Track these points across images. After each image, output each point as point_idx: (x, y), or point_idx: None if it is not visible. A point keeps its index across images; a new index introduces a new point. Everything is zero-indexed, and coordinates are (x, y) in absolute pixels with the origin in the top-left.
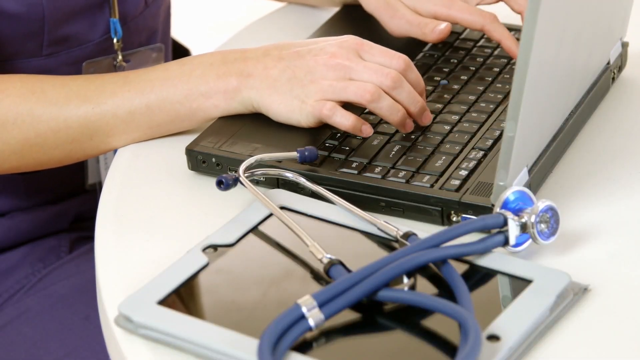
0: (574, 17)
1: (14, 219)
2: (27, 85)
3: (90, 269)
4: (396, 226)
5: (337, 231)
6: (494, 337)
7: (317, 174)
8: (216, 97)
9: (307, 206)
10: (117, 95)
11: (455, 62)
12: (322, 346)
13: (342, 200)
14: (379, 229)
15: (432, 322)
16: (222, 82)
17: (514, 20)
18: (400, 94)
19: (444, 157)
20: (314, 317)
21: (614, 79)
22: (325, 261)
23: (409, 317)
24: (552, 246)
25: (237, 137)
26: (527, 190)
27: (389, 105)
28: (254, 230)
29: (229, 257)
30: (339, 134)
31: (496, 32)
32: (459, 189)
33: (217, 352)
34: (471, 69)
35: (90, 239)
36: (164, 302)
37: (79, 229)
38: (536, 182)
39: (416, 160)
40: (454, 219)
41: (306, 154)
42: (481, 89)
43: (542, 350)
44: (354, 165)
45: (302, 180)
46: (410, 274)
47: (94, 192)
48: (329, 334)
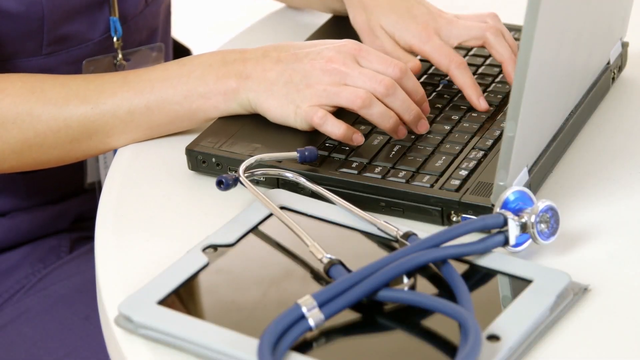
0: (574, 17)
1: (14, 219)
2: (27, 85)
3: (90, 269)
4: (396, 226)
5: (337, 231)
6: (494, 337)
7: (317, 174)
8: (215, 98)
9: (307, 206)
10: (117, 95)
11: None
12: (322, 346)
13: (342, 200)
14: (379, 229)
15: (432, 322)
16: (221, 83)
17: (513, 20)
18: (393, 101)
19: (444, 157)
20: (314, 317)
21: (614, 79)
22: (325, 261)
23: (409, 317)
24: (552, 246)
25: (237, 137)
26: (527, 190)
27: (380, 112)
28: (254, 230)
29: (229, 257)
30: None
31: (459, 79)
32: (459, 189)
33: (217, 352)
34: (471, 68)
35: (90, 239)
36: (164, 302)
37: (79, 229)
38: (536, 182)
39: (416, 160)
40: (454, 219)
41: (306, 154)
42: (481, 89)
43: (542, 350)
44: (354, 165)
45: (302, 180)
46: (410, 274)
47: (93, 192)
48: (329, 334)
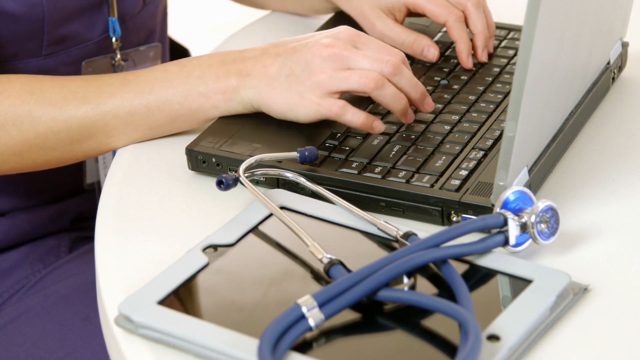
0: (574, 17)
1: (13, 219)
2: (26, 86)
3: (90, 269)
4: (396, 226)
5: (337, 231)
6: (494, 337)
7: (317, 174)
8: (215, 97)
9: (307, 206)
10: (117, 96)
11: (455, 62)
12: (322, 346)
13: (342, 200)
14: (379, 229)
15: (432, 322)
16: (221, 82)
17: (514, 20)
18: (400, 80)
19: (444, 157)
20: (314, 317)
21: (614, 79)
22: (325, 261)
23: (409, 317)
24: (552, 246)
25: (237, 137)
26: (527, 190)
27: (392, 93)
28: (254, 230)
29: (229, 257)
30: (339, 134)
31: (456, 31)
32: (459, 189)
33: (217, 352)
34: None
35: (90, 239)
36: (164, 302)
37: (79, 229)
38: (536, 182)
39: (416, 160)
40: (454, 219)
41: (306, 154)
42: (481, 89)
43: (542, 350)
44: (354, 165)
45: (302, 180)
46: (410, 274)
47: (93, 192)
48: (329, 334)
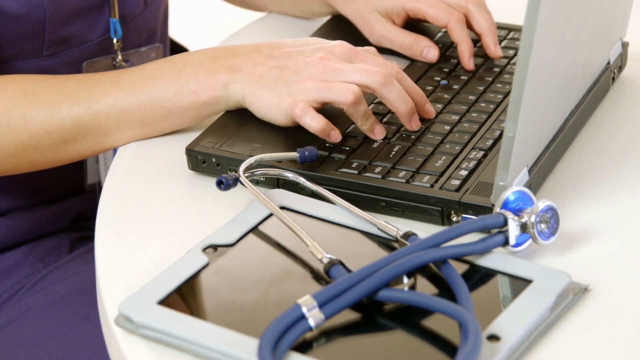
0: (574, 17)
1: (14, 219)
2: (20, 88)
3: (90, 269)
4: (396, 226)
5: (337, 231)
6: (494, 337)
7: (317, 174)
8: (205, 93)
9: (307, 206)
10: (109, 95)
11: (455, 62)
12: (322, 346)
13: (342, 200)
14: (379, 229)
15: (432, 322)
16: (211, 78)
17: (513, 20)
18: (389, 92)
19: (444, 157)
20: (314, 317)
21: (614, 79)
22: (325, 261)
23: (409, 317)
24: (552, 246)
25: (237, 137)
26: (527, 190)
27: (364, 111)
28: (254, 230)
29: (229, 257)
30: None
31: (458, 33)
32: (459, 189)
33: (217, 352)
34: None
35: (90, 239)
36: (164, 302)
37: (79, 229)
38: (536, 182)
39: (416, 160)
40: (454, 219)
41: (306, 154)
42: (481, 89)
43: (542, 350)
44: (354, 165)
45: (302, 180)
46: (410, 274)
47: (93, 192)
48: (329, 334)
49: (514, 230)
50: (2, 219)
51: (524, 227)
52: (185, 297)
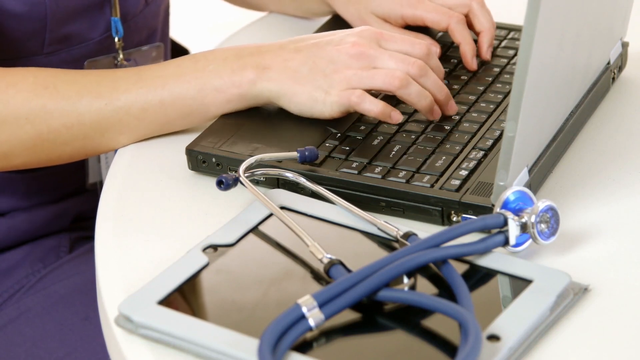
0: (574, 17)
1: (14, 219)
2: (40, 80)
3: (90, 269)
4: (396, 226)
5: (337, 231)
6: (494, 337)
7: (317, 174)
8: (229, 91)
9: (307, 206)
10: (131, 91)
11: (455, 62)
12: (322, 346)
13: (342, 200)
14: (379, 229)
15: (432, 322)
16: (237, 75)
17: (514, 20)
18: (426, 81)
19: (444, 157)
20: (314, 317)
21: (614, 79)
22: (325, 261)
23: (409, 317)
24: (552, 246)
25: (237, 137)
26: (527, 190)
27: (417, 91)
28: (254, 230)
29: (229, 257)
30: (339, 134)
31: (460, 33)
32: (459, 189)
33: (217, 352)
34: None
35: (90, 239)
36: (164, 302)
37: (79, 229)
38: (536, 182)
39: (416, 160)
40: (454, 219)
41: (306, 154)
42: (481, 89)
43: (542, 350)
44: (354, 165)
45: (302, 180)
46: (410, 274)
47: (94, 191)
48: (329, 334)
49: (514, 230)
50: (2, 219)
51: (524, 227)
52: (185, 297)
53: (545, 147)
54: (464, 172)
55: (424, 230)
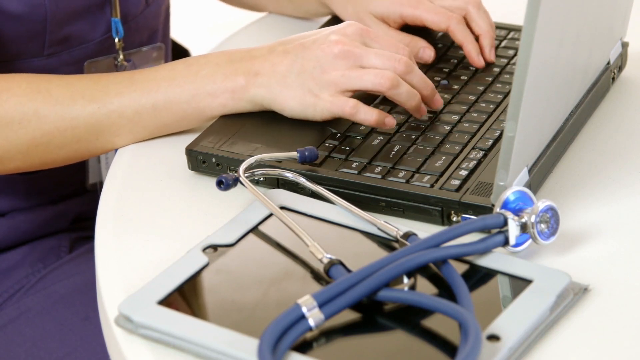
0: (574, 17)
1: (14, 219)
2: (33, 84)
3: (90, 269)
4: (396, 226)
5: (337, 231)
6: (494, 337)
7: (317, 174)
8: (223, 96)
9: (307, 206)
10: (124, 95)
11: (455, 62)
12: (322, 346)
13: (342, 200)
14: (379, 229)
15: (432, 322)
16: (229, 81)
17: (514, 20)
18: (413, 78)
19: (444, 157)
20: (314, 317)
21: (614, 79)
22: (325, 261)
23: (409, 317)
24: (552, 246)
25: (237, 137)
26: (527, 190)
27: (407, 90)
28: (254, 230)
29: (229, 257)
30: (339, 134)
31: (461, 34)
32: (459, 189)
33: (217, 352)
34: (471, 69)
35: (90, 239)
36: (164, 302)
37: (79, 229)
38: (536, 182)
39: (416, 160)
40: (454, 219)
41: (306, 154)
42: (481, 89)
43: (542, 350)
44: (354, 165)
45: (302, 180)
46: (410, 274)
47: (94, 192)
48: (329, 334)
49: (514, 230)
50: (2, 219)
51: (524, 227)
52: (185, 297)
53: (545, 147)
54: (464, 172)
55: (424, 230)
